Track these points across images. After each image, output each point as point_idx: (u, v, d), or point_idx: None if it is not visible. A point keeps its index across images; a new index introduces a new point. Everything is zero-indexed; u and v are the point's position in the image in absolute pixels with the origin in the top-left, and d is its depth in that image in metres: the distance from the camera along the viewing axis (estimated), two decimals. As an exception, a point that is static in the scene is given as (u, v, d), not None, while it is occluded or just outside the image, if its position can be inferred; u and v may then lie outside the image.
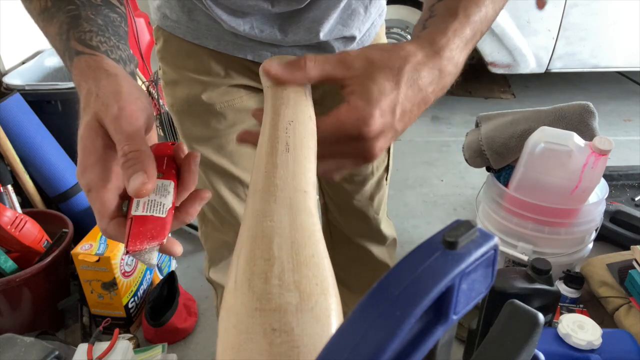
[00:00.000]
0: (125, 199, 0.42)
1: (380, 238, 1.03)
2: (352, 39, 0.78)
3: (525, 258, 1.38)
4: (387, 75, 0.41)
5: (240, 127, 0.81)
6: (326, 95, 0.86)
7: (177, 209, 0.44)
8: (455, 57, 0.45)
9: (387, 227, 1.03)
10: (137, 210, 0.41)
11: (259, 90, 0.79)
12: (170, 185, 0.43)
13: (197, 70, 0.77)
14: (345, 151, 0.43)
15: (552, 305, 1.09)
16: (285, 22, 0.72)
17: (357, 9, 0.75)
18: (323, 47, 0.77)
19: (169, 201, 0.42)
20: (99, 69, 0.44)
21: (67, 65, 0.48)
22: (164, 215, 0.41)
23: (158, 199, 0.42)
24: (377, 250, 1.03)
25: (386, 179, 0.98)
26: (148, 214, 0.40)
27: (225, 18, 0.70)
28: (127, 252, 0.39)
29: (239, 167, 0.84)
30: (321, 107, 0.83)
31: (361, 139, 0.41)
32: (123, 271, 1.40)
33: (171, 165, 0.45)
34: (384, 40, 0.89)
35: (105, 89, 0.42)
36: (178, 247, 0.42)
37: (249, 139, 0.48)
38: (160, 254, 1.61)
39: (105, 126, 0.41)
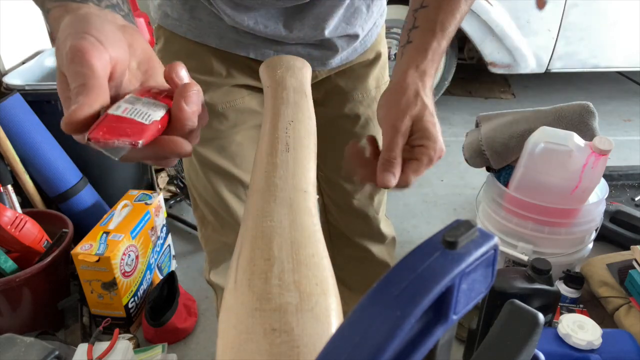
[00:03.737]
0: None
1: (379, 237, 1.03)
2: (355, 37, 0.78)
3: (525, 258, 1.38)
4: (415, 107, 0.54)
5: (243, 128, 0.81)
6: (327, 96, 0.86)
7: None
8: (428, 71, 0.57)
9: (386, 226, 1.03)
10: (117, 111, 0.37)
11: (261, 90, 0.79)
12: (164, 106, 0.39)
13: (199, 70, 0.77)
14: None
15: (552, 305, 1.09)
16: (290, 18, 0.72)
17: (360, 7, 0.75)
18: (327, 45, 0.77)
19: (157, 115, 0.38)
20: (62, 16, 0.42)
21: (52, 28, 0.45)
22: (146, 122, 0.37)
23: (145, 110, 0.38)
24: (377, 249, 1.03)
25: (386, 179, 0.98)
26: (128, 116, 0.36)
27: (230, 13, 0.69)
28: (88, 140, 0.35)
29: (240, 168, 0.83)
30: (323, 108, 0.84)
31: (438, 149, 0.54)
32: (123, 271, 1.40)
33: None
34: (384, 41, 0.89)
35: (63, 34, 0.40)
36: (187, 146, 0.39)
37: None
38: (158, 247, 1.60)
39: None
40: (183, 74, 0.41)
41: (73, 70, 0.37)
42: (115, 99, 0.39)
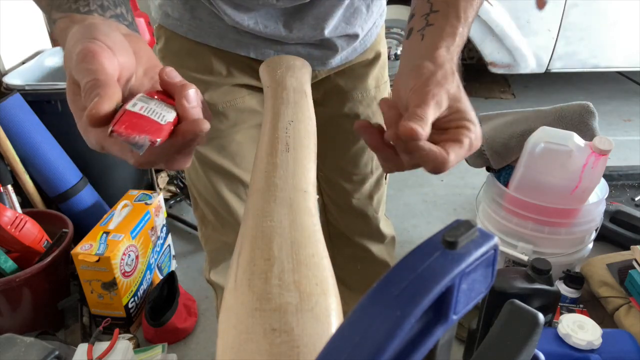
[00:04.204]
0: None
1: (379, 236, 1.03)
2: (355, 37, 0.79)
3: (525, 258, 1.38)
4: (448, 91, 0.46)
5: (243, 127, 0.81)
6: (327, 95, 0.86)
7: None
8: (455, 58, 0.50)
9: (385, 226, 1.03)
10: (134, 107, 0.38)
11: (261, 90, 0.79)
12: (174, 108, 0.40)
13: (199, 69, 0.77)
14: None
15: (552, 305, 1.09)
16: (290, 18, 0.72)
17: (360, 7, 0.75)
18: (326, 45, 0.77)
19: (169, 116, 0.39)
20: (69, 27, 0.43)
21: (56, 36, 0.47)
22: (162, 122, 0.38)
23: (158, 110, 0.39)
24: (377, 249, 1.03)
25: (385, 178, 0.98)
26: (145, 114, 0.38)
27: (230, 13, 0.69)
28: (112, 132, 0.36)
29: (240, 167, 0.83)
30: (322, 107, 0.84)
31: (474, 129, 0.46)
32: (123, 271, 1.40)
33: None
34: (384, 41, 0.89)
35: (71, 41, 0.41)
36: (205, 124, 0.39)
37: None
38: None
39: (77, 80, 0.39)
40: (173, 73, 0.42)
41: (84, 67, 0.38)
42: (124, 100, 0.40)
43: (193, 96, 0.41)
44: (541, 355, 0.36)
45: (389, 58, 0.89)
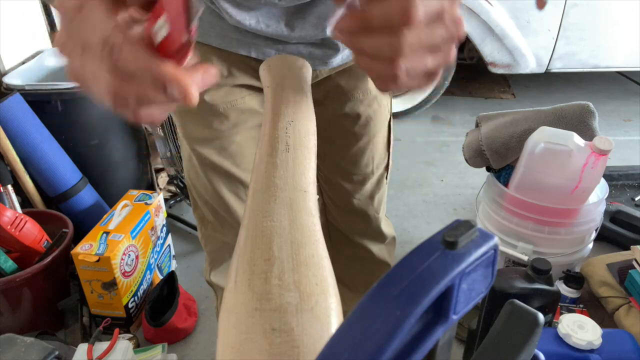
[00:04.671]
0: None
1: (380, 237, 1.03)
2: None
3: (525, 258, 1.38)
4: None
5: (243, 128, 0.81)
6: (328, 95, 0.86)
7: None
8: None
9: (386, 226, 1.03)
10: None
11: (262, 90, 0.79)
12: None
13: None
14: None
15: (552, 305, 1.09)
16: (291, 17, 0.72)
17: None
18: (328, 44, 0.77)
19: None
20: None
21: None
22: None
23: None
24: (377, 249, 1.03)
25: (386, 178, 0.98)
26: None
27: (231, 12, 0.69)
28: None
29: (240, 168, 0.83)
30: (323, 107, 0.84)
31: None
32: (123, 271, 1.40)
33: None
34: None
35: None
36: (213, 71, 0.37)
37: None
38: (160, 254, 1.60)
39: None
40: None
41: None
42: None
43: None
44: (541, 355, 0.36)
45: (389, 58, 0.88)
